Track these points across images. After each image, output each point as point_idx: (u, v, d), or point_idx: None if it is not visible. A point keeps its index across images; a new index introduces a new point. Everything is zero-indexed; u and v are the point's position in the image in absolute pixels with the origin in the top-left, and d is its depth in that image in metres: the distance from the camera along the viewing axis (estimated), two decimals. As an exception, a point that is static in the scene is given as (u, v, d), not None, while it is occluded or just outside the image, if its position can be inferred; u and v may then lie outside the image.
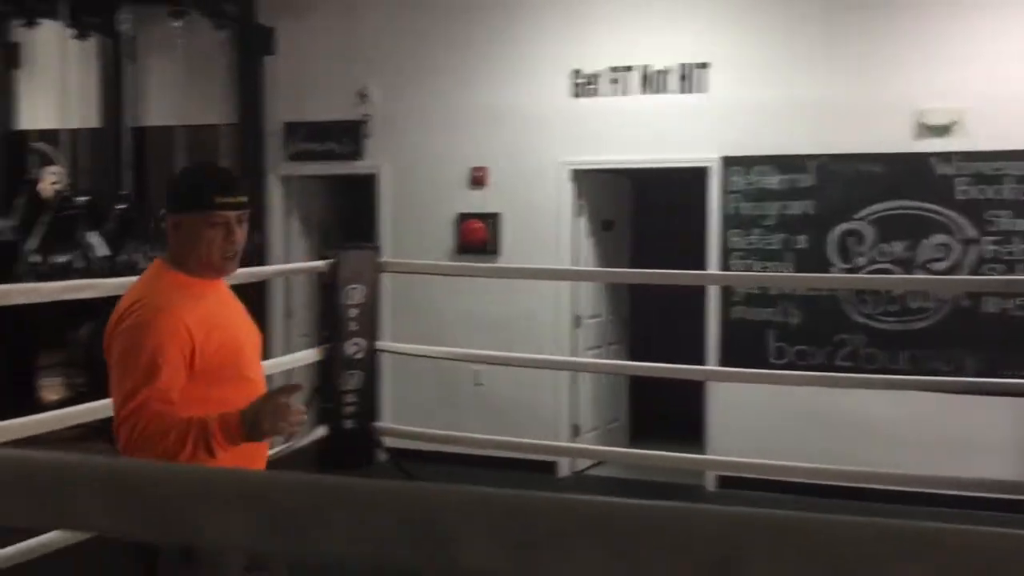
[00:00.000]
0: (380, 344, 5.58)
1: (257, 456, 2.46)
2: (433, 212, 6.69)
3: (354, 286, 5.38)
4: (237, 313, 2.55)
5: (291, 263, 6.91)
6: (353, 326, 5.41)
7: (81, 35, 6.71)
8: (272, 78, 6.99)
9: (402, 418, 6.32)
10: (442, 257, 6.61)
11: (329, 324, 5.38)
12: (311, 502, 0.78)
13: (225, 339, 2.38)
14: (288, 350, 6.81)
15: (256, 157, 6.96)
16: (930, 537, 0.68)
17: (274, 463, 5.18)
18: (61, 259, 5.11)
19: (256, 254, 6.46)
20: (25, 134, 7.12)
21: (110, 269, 5.30)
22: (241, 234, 2.40)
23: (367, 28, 6.80)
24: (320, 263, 5.31)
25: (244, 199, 2.42)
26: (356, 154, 6.82)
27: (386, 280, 6.24)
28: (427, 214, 6.70)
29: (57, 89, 6.82)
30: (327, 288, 5.39)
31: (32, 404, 6.12)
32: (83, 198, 5.98)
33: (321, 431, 5.08)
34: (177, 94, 6.49)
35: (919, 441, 5.64)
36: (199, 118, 6.59)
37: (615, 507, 0.72)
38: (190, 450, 2.16)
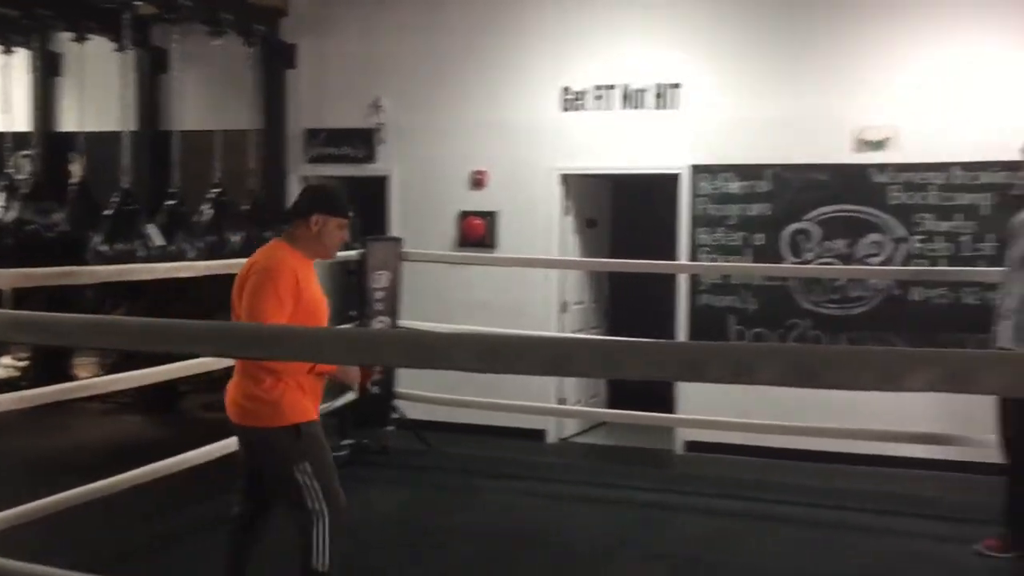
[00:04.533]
0: (401, 323, 6.47)
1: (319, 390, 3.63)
2: (438, 210, 7.59)
3: (380, 272, 6.27)
4: (318, 284, 3.69)
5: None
6: (379, 307, 6.30)
7: (121, 48, 7.50)
8: (294, 89, 7.86)
9: (414, 388, 7.19)
10: (445, 250, 7.51)
11: (358, 305, 6.24)
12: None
13: (312, 293, 3.52)
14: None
15: (279, 159, 7.82)
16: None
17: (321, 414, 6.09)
18: (125, 247, 5.90)
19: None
20: (66, 136, 7.90)
21: (165, 256, 6.11)
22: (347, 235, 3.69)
23: (380, 46, 7.68)
24: (352, 253, 6.17)
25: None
26: (369, 158, 7.71)
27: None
28: (432, 211, 7.60)
29: (97, 95, 7.60)
30: (356, 274, 6.26)
31: (66, 380, 6.83)
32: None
33: (351, 395, 5.94)
34: (210, 102, 7.32)
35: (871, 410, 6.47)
36: (230, 123, 7.42)
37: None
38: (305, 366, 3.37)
